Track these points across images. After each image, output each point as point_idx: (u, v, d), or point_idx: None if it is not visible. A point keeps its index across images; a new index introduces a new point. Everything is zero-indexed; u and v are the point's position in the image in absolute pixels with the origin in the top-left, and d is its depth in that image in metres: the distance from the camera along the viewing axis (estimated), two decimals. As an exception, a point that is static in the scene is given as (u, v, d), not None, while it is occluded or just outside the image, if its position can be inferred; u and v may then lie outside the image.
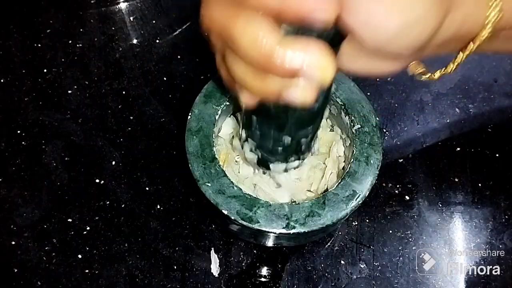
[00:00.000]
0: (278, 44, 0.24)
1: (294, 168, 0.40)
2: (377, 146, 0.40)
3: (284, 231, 0.36)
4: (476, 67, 0.57)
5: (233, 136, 0.45)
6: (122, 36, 0.56)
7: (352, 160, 0.39)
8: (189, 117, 0.40)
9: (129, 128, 0.51)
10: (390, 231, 0.48)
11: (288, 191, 0.43)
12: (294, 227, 0.36)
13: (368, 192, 0.38)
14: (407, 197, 0.49)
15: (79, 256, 0.45)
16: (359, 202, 0.38)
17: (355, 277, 0.46)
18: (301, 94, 0.26)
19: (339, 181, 0.38)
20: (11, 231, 0.46)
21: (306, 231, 0.36)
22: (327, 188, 0.42)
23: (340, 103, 0.42)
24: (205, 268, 0.46)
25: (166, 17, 0.58)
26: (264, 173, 0.44)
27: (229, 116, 0.46)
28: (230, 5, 0.25)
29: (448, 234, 0.48)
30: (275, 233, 0.36)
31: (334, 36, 0.25)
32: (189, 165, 0.38)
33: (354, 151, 0.40)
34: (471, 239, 0.48)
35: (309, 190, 0.44)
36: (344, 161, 0.43)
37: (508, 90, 0.55)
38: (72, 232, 0.46)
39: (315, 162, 0.45)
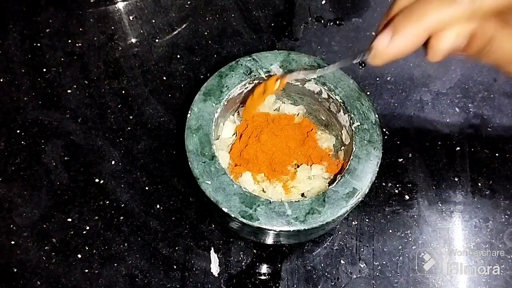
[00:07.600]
0: None
1: None
2: (376, 143, 0.40)
3: (284, 228, 0.36)
4: (476, 66, 0.56)
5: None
6: (121, 36, 0.56)
7: (351, 157, 0.39)
8: (188, 115, 0.40)
9: (129, 128, 0.51)
10: (390, 231, 0.48)
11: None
12: (294, 225, 0.36)
13: (368, 189, 0.38)
14: (407, 197, 0.49)
15: (79, 255, 0.45)
16: (359, 199, 0.37)
17: (355, 276, 0.45)
18: None
19: (339, 178, 0.38)
20: (11, 231, 0.46)
21: (306, 228, 0.36)
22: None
23: (339, 100, 0.42)
24: (205, 268, 0.46)
25: (165, 16, 0.58)
26: None
27: (233, 115, 0.46)
28: None
29: (448, 234, 0.48)
30: (275, 230, 0.36)
31: None
32: (189, 163, 0.38)
33: (354, 148, 0.39)
34: (471, 239, 0.48)
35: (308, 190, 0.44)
36: (344, 159, 0.43)
37: (508, 89, 0.55)
38: (72, 232, 0.46)
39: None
